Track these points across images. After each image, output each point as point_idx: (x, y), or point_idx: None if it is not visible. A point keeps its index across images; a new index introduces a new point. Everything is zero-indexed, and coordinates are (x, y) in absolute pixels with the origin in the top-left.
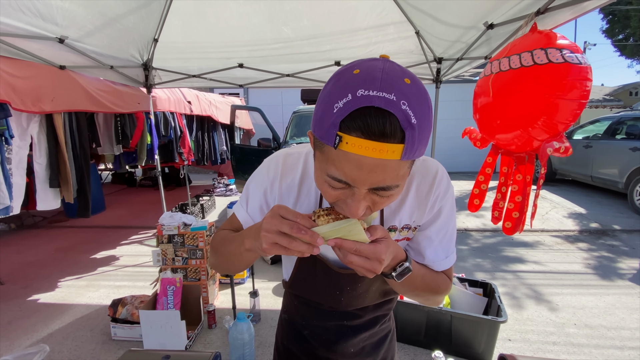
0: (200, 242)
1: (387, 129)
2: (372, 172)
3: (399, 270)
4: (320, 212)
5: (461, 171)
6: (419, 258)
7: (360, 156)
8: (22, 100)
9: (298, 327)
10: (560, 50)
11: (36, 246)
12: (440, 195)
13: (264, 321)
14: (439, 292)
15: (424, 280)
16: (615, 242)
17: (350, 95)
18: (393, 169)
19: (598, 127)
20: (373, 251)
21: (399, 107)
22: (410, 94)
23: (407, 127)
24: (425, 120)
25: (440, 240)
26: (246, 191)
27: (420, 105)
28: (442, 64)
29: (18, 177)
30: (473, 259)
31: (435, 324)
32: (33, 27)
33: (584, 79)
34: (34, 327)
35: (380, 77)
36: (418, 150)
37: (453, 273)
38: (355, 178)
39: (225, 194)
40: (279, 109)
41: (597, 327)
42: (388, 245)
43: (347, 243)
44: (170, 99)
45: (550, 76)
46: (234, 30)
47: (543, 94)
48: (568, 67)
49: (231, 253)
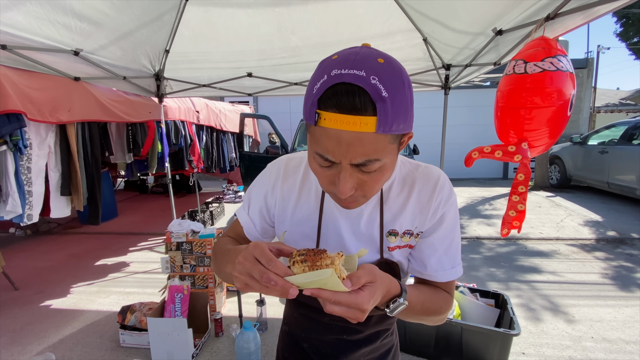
0: (208, 249)
1: (357, 102)
2: (351, 146)
3: (392, 307)
4: (296, 257)
5: (472, 178)
6: (422, 268)
7: (338, 130)
8: (39, 111)
9: (298, 340)
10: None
11: (50, 252)
12: (442, 202)
13: (271, 330)
14: (441, 313)
15: (423, 306)
16: (634, 251)
17: (325, 76)
18: (370, 142)
19: (614, 132)
20: (354, 301)
21: (368, 82)
22: (381, 71)
23: (378, 99)
24: (398, 95)
25: (445, 250)
26: (248, 195)
27: (392, 81)
28: (451, 70)
29: (37, 185)
30: (486, 269)
31: (446, 335)
32: (50, 40)
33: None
34: (45, 333)
35: (354, 59)
36: (395, 124)
37: (454, 287)
38: (336, 152)
39: (234, 200)
40: (287, 116)
41: (616, 340)
42: (373, 291)
43: (325, 293)
44: (180, 107)
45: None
46: (243, 40)
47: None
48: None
49: (223, 269)
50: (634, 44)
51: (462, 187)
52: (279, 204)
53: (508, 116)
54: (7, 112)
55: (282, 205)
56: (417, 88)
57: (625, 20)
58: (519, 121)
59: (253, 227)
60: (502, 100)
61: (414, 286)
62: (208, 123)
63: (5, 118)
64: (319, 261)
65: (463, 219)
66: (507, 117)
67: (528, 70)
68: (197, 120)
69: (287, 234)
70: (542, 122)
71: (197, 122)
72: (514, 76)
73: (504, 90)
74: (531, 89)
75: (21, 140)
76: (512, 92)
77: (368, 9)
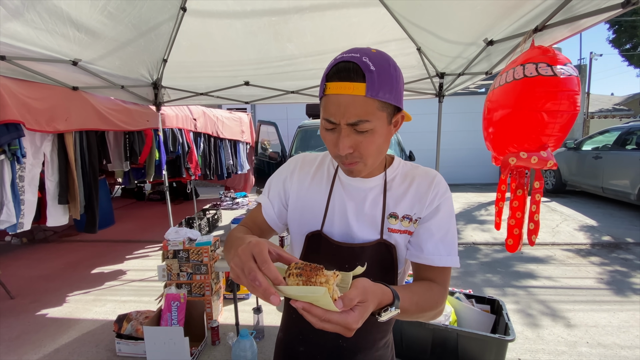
0: (204, 257)
1: (351, 72)
2: (347, 107)
3: (384, 315)
4: (293, 269)
5: (468, 183)
6: (419, 251)
7: (338, 95)
8: (36, 121)
9: (295, 345)
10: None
11: (46, 260)
12: (439, 194)
13: (268, 338)
14: (436, 307)
15: (418, 306)
16: (629, 255)
17: (333, 61)
18: (361, 104)
19: (607, 138)
20: (343, 321)
21: (360, 60)
22: (372, 55)
23: (367, 70)
24: (384, 71)
25: (442, 237)
26: (269, 182)
27: (379, 61)
28: (445, 78)
29: (30, 194)
30: (482, 274)
31: (442, 342)
32: (48, 50)
33: (573, 91)
34: (41, 342)
35: (354, 49)
36: (381, 92)
37: (449, 278)
38: (336, 114)
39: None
40: (285, 122)
41: (611, 345)
42: (363, 311)
43: (316, 310)
44: (178, 115)
45: (539, 88)
46: (240, 49)
47: (531, 105)
48: (557, 80)
49: (227, 256)
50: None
51: (458, 193)
52: (295, 187)
53: (526, 120)
54: (6, 122)
55: (297, 188)
56: (412, 96)
57: (618, 27)
58: (541, 125)
59: (271, 208)
60: (516, 104)
61: (407, 287)
62: (205, 130)
63: (4, 128)
64: (314, 277)
65: (459, 225)
66: (524, 121)
67: (557, 72)
68: (195, 128)
69: (299, 212)
70: (566, 126)
71: (195, 129)
72: (539, 78)
73: (521, 93)
74: (559, 92)
75: (19, 150)
76: (534, 94)
77: (362, 19)
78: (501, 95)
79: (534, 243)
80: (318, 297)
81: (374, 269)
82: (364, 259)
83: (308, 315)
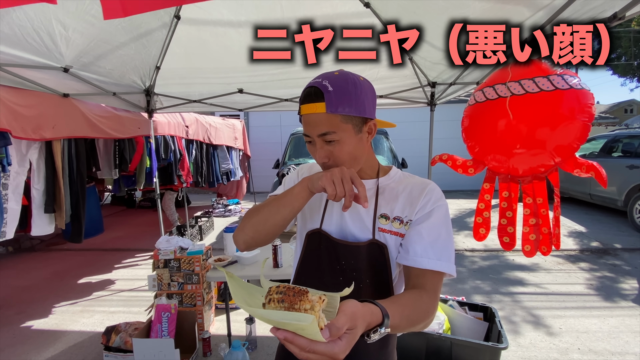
0: (196, 266)
1: (312, 95)
2: (315, 124)
3: (372, 337)
4: (274, 295)
5: (460, 189)
6: (407, 253)
7: (307, 115)
8: (22, 128)
9: None
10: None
11: (33, 270)
12: (432, 200)
13: (260, 349)
14: (427, 317)
15: (409, 319)
16: (617, 261)
17: (305, 88)
18: (325, 120)
19: (594, 145)
20: (330, 351)
21: (321, 83)
22: (332, 77)
23: (325, 91)
24: (341, 89)
25: (432, 242)
26: (283, 182)
27: (339, 82)
28: (436, 88)
29: (13, 202)
30: (472, 281)
31: (436, 350)
32: (38, 57)
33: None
34: (27, 355)
35: (320, 75)
36: (340, 107)
37: (440, 285)
38: (308, 129)
39: (224, 214)
40: (278, 129)
41: (602, 351)
42: (351, 339)
43: (300, 340)
44: (170, 122)
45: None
46: (234, 57)
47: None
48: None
49: (271, 209)
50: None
51: (449, 199)
52: None
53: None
54: None
55: None
56: (404, 105)
57: None
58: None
59: None
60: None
61: (396, 300)
62: (197, 137)
63: None
64: (297, 304)
65: None
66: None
67: (572, 85)
68: (187, 135)
69: (302, 212)
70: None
71: (187, 136)
72: (557, 92)
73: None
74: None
75: (5, 158)
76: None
77: None
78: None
79: (559, 248)
80: (305, 326)
81: (368, 270)
82: (360, 257)
83: (290, 345)
